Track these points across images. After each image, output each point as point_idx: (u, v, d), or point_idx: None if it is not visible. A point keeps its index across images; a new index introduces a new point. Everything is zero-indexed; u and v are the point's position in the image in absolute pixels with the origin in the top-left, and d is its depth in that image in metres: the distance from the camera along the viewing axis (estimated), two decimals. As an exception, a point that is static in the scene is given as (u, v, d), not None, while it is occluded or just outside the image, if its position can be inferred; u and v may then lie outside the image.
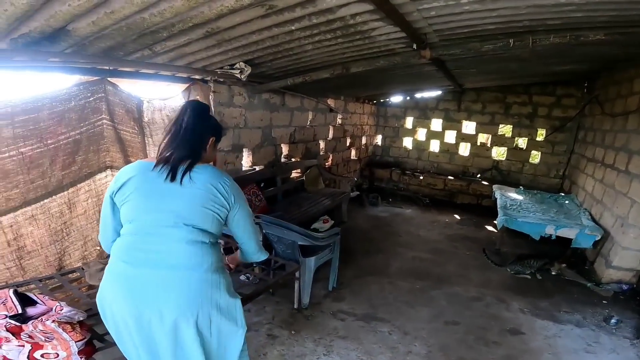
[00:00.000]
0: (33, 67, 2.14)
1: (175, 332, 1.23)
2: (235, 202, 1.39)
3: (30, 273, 2.40)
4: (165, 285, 1.21)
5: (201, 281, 1.25)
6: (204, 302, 1.25)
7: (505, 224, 4.30)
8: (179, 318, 1.22)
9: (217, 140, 1.51)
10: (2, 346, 1.46)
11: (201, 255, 1.28)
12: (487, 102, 6.85)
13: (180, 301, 1.22)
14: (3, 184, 2.19)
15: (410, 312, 3.01)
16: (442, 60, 3.79)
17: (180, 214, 1.27)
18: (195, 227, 1.28)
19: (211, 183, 1.32)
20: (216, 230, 1.36)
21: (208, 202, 1.31)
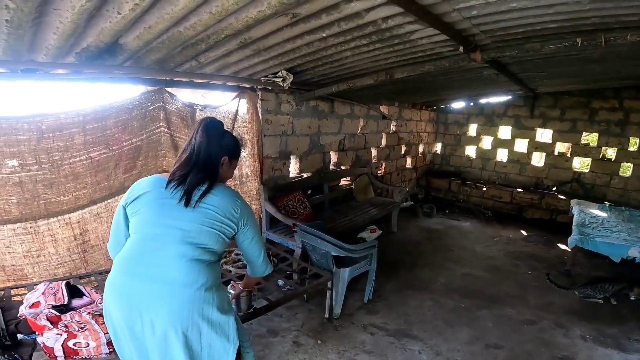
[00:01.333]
0: (102, 79, 2.42)
1: (165, 342, 1.26)
2: (245, 223, 1.44)
3: (92, 265, 2.67)
4: (158, 298, 1.25)
5: (193, 297, 1.27)
6: (193, 316, 1.26)
7: (579, 243, 3.83)
8: (168, 329, 1.25)
9: (233, 158, 1.51)
10: (43, 334, 1.64)
11: (197, 272, 1.29)
12: (567, 107, 6.13)
13: (171, 313, 1.24)
14: (74, 185, 2.48)
15: (448, 331, 2.81)
16: (502, 63, 3.48)
17: (187, 232, 1.30)
18: (198, 246, 1.32)
19: (223, 206, 1.37)
20: (220, 248, 1.40)
21: (216, 224, 1.35)
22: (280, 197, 3.75)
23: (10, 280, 2.30)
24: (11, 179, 2.18)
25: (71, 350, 1.66)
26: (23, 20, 1.41)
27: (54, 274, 2.45)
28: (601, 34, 2.30)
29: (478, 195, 6.69)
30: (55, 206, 2.41)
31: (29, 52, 1.79)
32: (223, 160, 1.44)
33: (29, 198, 2.27)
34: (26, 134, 2.17)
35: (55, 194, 2.39)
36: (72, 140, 2.39)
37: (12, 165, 2.16)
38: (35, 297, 1.72)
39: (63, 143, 2.34)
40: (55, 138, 2.30)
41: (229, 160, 1.48)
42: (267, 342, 2.55)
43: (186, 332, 1.26)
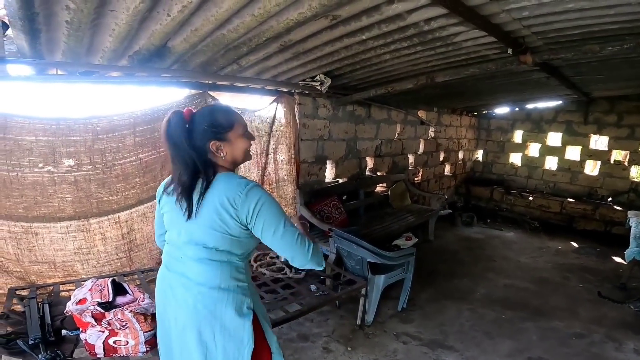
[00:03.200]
0: (151, 82, 2.53)
1: (184, 335, 1.28)
2: (255, 215, 1.19)
3: (136, 264, 2.77)
4: (180, 293, 1.27)
5: (205, 296, 1.24)
6: (206, 315, 1.24)
7: (638, 256, 3.64)
8: (186, 324, 1.26)
9: (220, 136, 1.22)
10: (87, 330, 1.67)
11: (210, 272, 1.25)
12: (625, 112, 5.69)
13: (187, 309, 1.25)
14: (124, 185, 2.59)
15: (487, 343, 2.67)
16: (553, 66, 3.29)
17: (192, 233, 1.25)
18: (205, 247, 1.25)
19: (219, 201, 1.19)
20: (234, 247, 1.26)
21: (215, 223, 1.20)
22: (315, 202, 3.75)
23: (60, 276, 2.42)
24: (67, 177, 2.30)
25: (111, 347, 1.68)
26: (82, 21, 1.49)
27: (101, 272, 2.57)
28: (665, 36, 2.12)
29: (523, 205, 6.34)
30: (106, 205, 2.52)
31: (87, 54, 1.90)
32: (212, 146, 1.22)
33: (82, 197, 2.39)
34: (82, 134, 2.29)
35: (106, 193, 2.50)
36: (124, 141, 2.50)
37: (68, 165, 2.29)
38: (83, 294, 1.76)
39: (115, 144, 2.45)
40: (109, 139, 2.41)
41: (218, 141, 1.22)
42: (297, 346, 2.52)
43: (200, 329, 1.25)
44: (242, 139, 1.27)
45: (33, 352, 1.58)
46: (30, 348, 1.59)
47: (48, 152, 2.20)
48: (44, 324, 1.72)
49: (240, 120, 1.28)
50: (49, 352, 1.56)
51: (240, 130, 1.26)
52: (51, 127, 2.18)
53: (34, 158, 2.16)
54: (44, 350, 1.57)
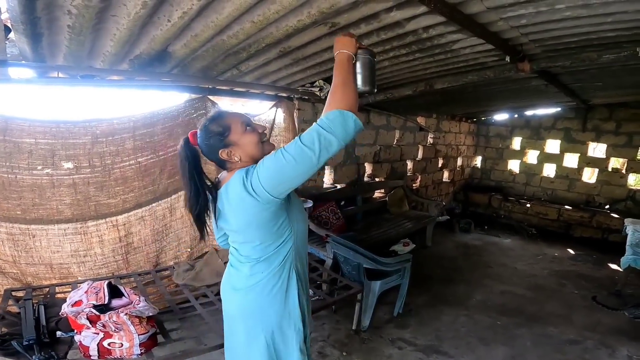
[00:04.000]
0: (151, 86, 2.54)
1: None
2: (266, 183, 1.10)
3: (132, 267, 2.77)
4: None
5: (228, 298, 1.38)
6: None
7: (632, 263, 3.65)
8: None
9: (225, 145, 1.21)
10: (82, 332, 1.68)
11: (229, 275, 1.39)
12: (623, 120, 5.72)
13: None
14: (122, 188, 2.60)
15: (482, 349, 2.67)
16: (552, 73, 3.31)
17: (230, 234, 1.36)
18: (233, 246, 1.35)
19: (236, 189, 1.15)
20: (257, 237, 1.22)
21: (245, 213, 1.18)
22: (313, 207, 3.74)
23: (56, 278, 2.42)
24: (65, 180, 2.31)
25: (105, 349, 1.69)
26: (84, 26, 1.51)
27: (98, 274, 2.57)
28: (663, 43, 2.14)
29: (521, 212, 6.35)
30: (104, 208, 2.53)
31: (88, 58, 1.92)
32: (222, 157, 1.22)
33: (80, 199, 2.40)
34: (82, 137, 2.30)
35: (105, 196, 2.51)
36: (123, 145, 2.51)
37: (67, 168, 2.30)
38: (79, 296, 1.77)
39: (115, 147, 2.46)
40: (108, 142, 2.42)
41: (225, 148, 1.21)
42: None
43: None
44: (247, 135, 1.21)
45: (27, 353, 1.59)
46: (24, 349, 1.60)
47: (47, 155, 2.21)
48: (38, 326, 1.73)
49: (235, 118, 1.23)
50: (43, 353, 1.57)
51: (240, 128, 1.21)
52: (51, 130, 2.19)
53: (33, 160, 2.17)
54: (38, 352, 1.58)
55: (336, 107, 1.06)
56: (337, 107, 1.06)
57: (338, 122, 1.04)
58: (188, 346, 1.92)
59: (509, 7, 1.78)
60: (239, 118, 1.24)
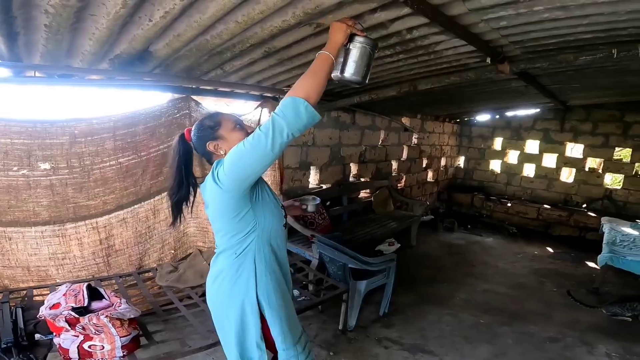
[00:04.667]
0: (133, 86, 2.48)
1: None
2: (229, 172, 1.17)
3: (114, 269, 2.72)
4: None
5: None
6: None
7: (609, 261, 3.73)
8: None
9: (214, 137, 1.30)
10: (60, 335, 1.66)
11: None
12: (600, 121, 5.91)
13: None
14: (102, 189, 2.54)
15: (466, 348, 2.71)
16: (531, 75, 3.40)
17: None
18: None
19: (209, 182, 1.25)
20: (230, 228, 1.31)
21: (216, 203, 1.28)
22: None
23: (34, 281, 2.36)
24: (42, 181, 2.25)
25: (86, 352, 1.67)
26: (61, 25, 1.47)
27: (78, 276, 2.51)
28: (637, 45, 2.22)
29: (502, 211, 6.49)
30: (83, 210, 2.47)
31: (66, 57, 1.87)
32: (209, 148, 1.31)
33: (58, 201, 2.34)
34: (59, 137, 2.24)
35: (84, 198, 2.45)
36: (103, 145, 2.46)
37: (44, 168, 2.23)
38: (57, 299, 1.76)
39: (94, 148, 2.41)
40: (87, 143, 2.37)
41: (213, 140, 1.30)
42: None
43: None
44: (236, 132, 1.30)
45: (5, 356, 1.56)
46: (2, 352, 1.58)
47: (23, 155, 2.14)
48: (16, 328, 1.71)
49: (227, 117, 1.34)
50: (22, 356, 1.55)
51: (230, 125, 1.31)
52: (27, 130, 2.13)
53: (8, 161, 2.11)
54: (16, 354, 1.56)
55: (291, 95, 1.10)
56: (292, 95, 1.10)
57: (290, 108, 1.08)
58: (172, 348, 1.91)
59: (490, 9, 1.82)
60: (231, 117, 1.35)
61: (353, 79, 1.32)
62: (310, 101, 1.09)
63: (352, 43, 1.28)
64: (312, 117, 1.11)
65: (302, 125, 1.10)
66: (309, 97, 1.09)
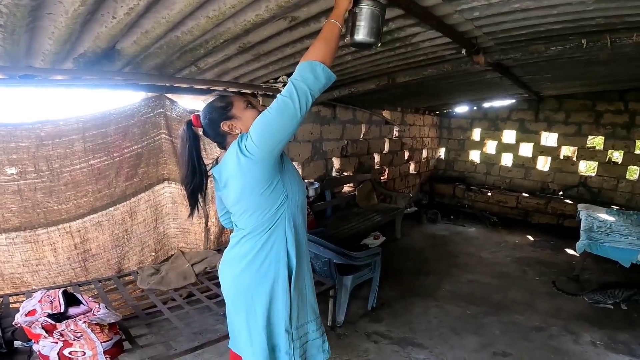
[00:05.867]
0: (102, 85, 2.40)
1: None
2: (257, 143, 1.18)
3: (92, 274, 2.63)
4: None
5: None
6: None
7: (588, 248, 3.75)
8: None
9: (228, 117, 1.31)
10: (39, 342, 1.61)
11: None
12: (572, 110, 6.07)
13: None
14: (74, 193, 2.46)
15: (454, 339, 2.74)
16: (505, 66, 3.45)
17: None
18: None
19: (232, 159, 1.24)
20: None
21: (242, 180, 1.27)
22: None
23: (9, 288, 2.28)
24: (10, 187, 2.16)
25: (67, 358, 1.62)
26: (17, 25, 1.39)
27: (54, 282, 2.43)
28: (606, 35, 2.28)
29: (483, 201, 6.61)
30: (55, 215, 2.39)
31: (26, 57, 1.78)
32: (224, 128, 1.31)
33: (28, 206, 2.25)
34: (25, 141, 2.15)
35: (55, 202, 2.37)
36: (72, 147, 2.37)
37: (11, 173, 2.14)
38: (32, 305, 1.70)
39: (62, 150, 2.33)
40: (55, 145, 2.28)
41: (228, 120, 1.31)
42: None
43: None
44: (249, 110, 1.33)
45: None
46: None
47: (-13, 160, 2.04)
48: None
49: (237, 97, 1.37)
50: None
51: (242, 105, 1.33)
52: (-10, 134, 2.02)
53: (-29, 167, 2.00)
54: None
55: (306, 59, 1.17)
56: (307, 59, 1.17)
57: (308, 71, 1.15)
58: (157, 352, 1.87)
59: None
60: (242, 98, 1.38)
61: (365, 40, 1.37)
62: (326, 64, 1.17)
63: (358, 6, 1.33)
64: (329, 78, 1.18)
65: (321, 85, 1.17)
66: (324, 60, 1.17)
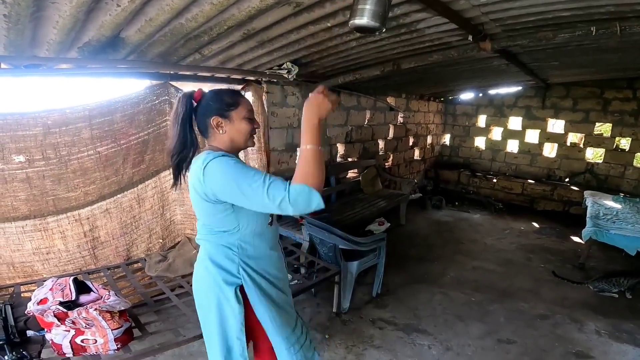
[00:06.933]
0: (107, 74, 2.39)
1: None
2: (212, 190, 1.16)
3: (101, 261, 2.68)
4: None
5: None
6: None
7: (593, 236, 3.73)
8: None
9: (223, 115, 1.24)
10: (52, 330, 1.64)
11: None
12: (580, 98, 5.98)
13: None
14: (82, 180, 2.48)
15: (459, 326, 2.76)
16: (512, 53, 3.39)
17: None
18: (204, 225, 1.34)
19: (192, 182, 1.22)
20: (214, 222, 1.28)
21: (195, 197, 1.25)
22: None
23: (20, 277, 2.33)
24: (18, 175, 2.18)
25: (79, 346, 1.65)
26: (21, 14, 1.39)
27: (64, 270, 2.48)
28: (616, 23, 2.22)
29: (488, 187, 6.60)
30: (64, 202, 2.42)
31: (31, 47, 1.78)
32: (212, 122, 1.24)
33: (37, 194, 2.28)
34: (32, 129, 2.16)
35: (63, 189, 2.40)
36: (79, 135, 2.39)
37: (19, 161, 2.16)
38: (43, 294, 1.72)
39: (70, 138, 2.34)
40: (62, 133, 2.29)
41: (220, 117, 1.24)
42: None
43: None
44: (245, 122, 1.27)
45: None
46: None
47: (-4, 149, 2.06)
48: (7, 326, 1.68)
49: (246, 103, 1.29)
50: (15, 354, 1.53)
51: (244, 113, 1.27)
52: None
53: (-20, 156, 2.03)
54: (9, 352, 1.54)
55: (306, 182, 1.08)
56: (308, 183, 1.08)
57: (304, 198, 1.07)
58: (166, 338, 1.89)
59: (470, -15, 1.80)
60: (249, 107, 1.30)
61: (370, 24, 1.31)
62: (320, 192, 1.10)
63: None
64: (318, 209, 1.11)
65: (307, 211, 1.11)
66: (320, 187, 1.10)
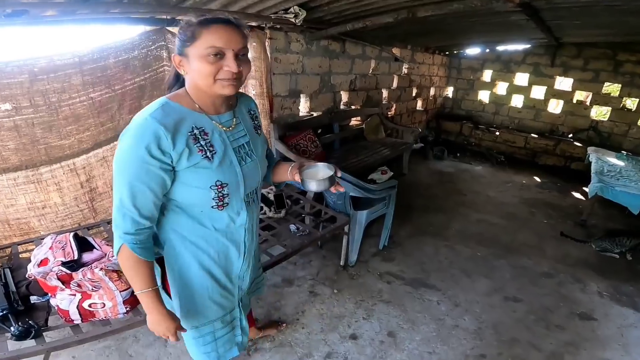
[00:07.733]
0: (97, 20, 2.18)
1: None
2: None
3: (101, 214, 2.57)
4: None
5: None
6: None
7: (600, 192, 3.64)
8: None
9: (181, 52, 0.97)
10: (56, 295, 1.50)
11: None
12: (591, 58, 5.77)
13: None
14: (75, 127, 2.31)
15: (466, 281, 2.77)
16: (535, 8, 3.12)
17: None
18: None
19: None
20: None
21: None
22: (290, 136, 3.63)
23: (17, 235, 2.22)
24: (5, 123, 2.02)
25: (87, 312, 1.53)
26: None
27: (62, 226, 2.37)
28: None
29: (490, 140, 6.56)
30: (57, 151, 2.27)
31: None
32: (174, 61, 1.00)
33: (27, 143, 2.13)
34: (17, 76, 1.97)
35: (55, 137, 2.24)
36: (69, 81, 2.20)
37: (5, 109, 1.99)
38: (43, 253, 1.57)
39: (59, 84, 2.15)
40: (50, 80, 2.11)
41: (179, 55, 0.98)
42: (283, 292, 2.49)
43: None
44: (202, 61, 0.93)
45: (4, 325, 1.41)
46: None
47: (-21, 97, 1.88)
48: (8, 292, 1.54)
49: (210, 38, 0.92)
50: (21, 324, 1.39)
51: (203, 50, 0.93)
52: (-22, 71, 1.83)
53: (-37, 105, 1.84)
54: (15, 322, 1.41)
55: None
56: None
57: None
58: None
59: None
60: (214, 42, 0.93)
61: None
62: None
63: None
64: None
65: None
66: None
